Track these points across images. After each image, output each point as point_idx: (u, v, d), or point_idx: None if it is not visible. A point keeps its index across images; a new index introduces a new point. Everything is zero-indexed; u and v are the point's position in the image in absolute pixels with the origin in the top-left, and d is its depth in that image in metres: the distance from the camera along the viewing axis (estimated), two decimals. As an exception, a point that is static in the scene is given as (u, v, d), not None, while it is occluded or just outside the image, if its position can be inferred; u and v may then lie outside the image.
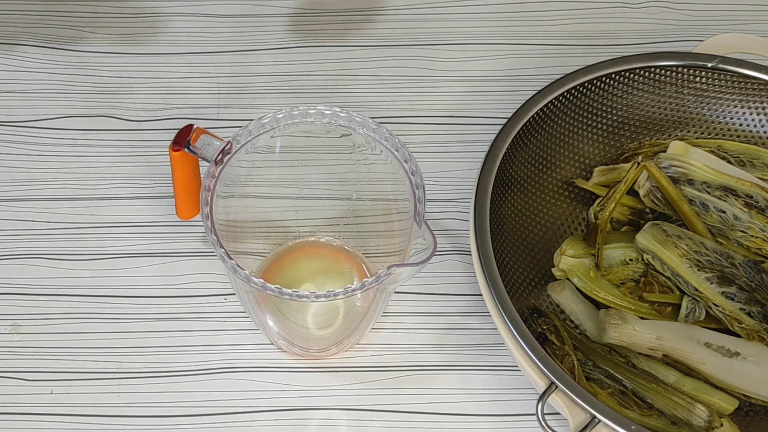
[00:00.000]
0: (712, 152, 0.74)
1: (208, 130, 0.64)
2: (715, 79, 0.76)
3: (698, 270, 0.68)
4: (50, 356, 0.69)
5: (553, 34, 0.87)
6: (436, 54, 0.85)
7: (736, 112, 0.77)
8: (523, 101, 0.71)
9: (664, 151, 0.73)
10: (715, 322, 0.68)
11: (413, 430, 0.67)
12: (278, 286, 0.58)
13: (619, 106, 0.77)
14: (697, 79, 0.76)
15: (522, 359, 0.61)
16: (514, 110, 0.70)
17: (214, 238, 0.59)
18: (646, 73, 0.76)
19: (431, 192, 0.76)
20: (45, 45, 0.84)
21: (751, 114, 0.77)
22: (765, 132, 0.77)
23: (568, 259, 0.70)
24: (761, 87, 0.75)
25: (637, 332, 0.67)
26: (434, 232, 0.60)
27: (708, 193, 0.70)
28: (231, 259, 0.58)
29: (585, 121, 0.76)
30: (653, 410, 0.64)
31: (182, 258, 0.74)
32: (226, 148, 0.63)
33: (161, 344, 0.70)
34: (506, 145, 0.69)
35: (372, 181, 0.68)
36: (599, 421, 0.58)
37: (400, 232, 0.67)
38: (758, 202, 0.70)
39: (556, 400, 0.59)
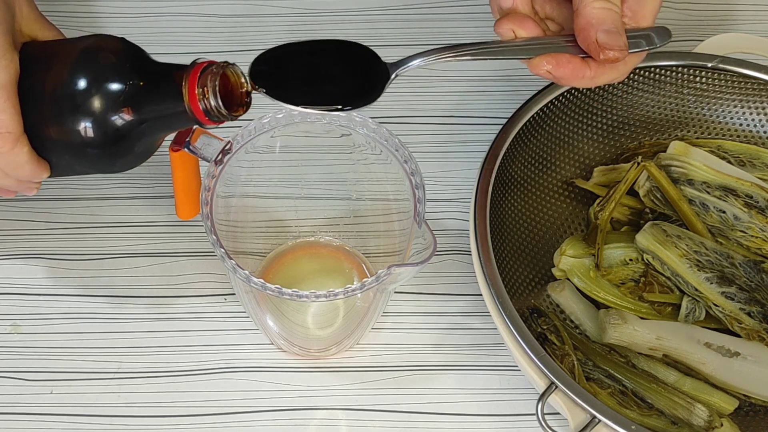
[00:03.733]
0: (712, 152, 0.74)
1: (208, 130, 0.64)
2: (715, 79, 0.76)
3: (698, 270, 0.68)
4: (50, 356, 0.69)
5: (553, 34, 0.87)
6: (436, 54, 0.85)
7: (736, 112, 0.77)
8: (523, 101, 0.71)
9: (664, 151, 0.73)
10: (715, 322, 0.68)
11: (413, 430, 0.67)
12: (278, 286, 0.58)
13: (619, 106, 0.77)
14: (697, 79, 0.76)
15: (522, 359, 0.61)
16: (514, 110, 0.70)
17: (214, 238, 0.59)
18: (646, 73, 0.76)
19: (431, 192, 0.76)
20: (45, 45, 0.84)
21: (751, 114, 0.77)
22: (765, 132, 0.77)
23: (568, 259, 0.70)
24: (761, 87, 0.75)
25: (637, 332, 0.67)
26: (434, 232, 0.59)
27: (708, 193, 0.70)
28: (231, 259, 0.58)
29: (585, 121, 0.76)
30: (653, 410, 0.64)
31: (182, 258, 0.74)
32: (226, 148, 0.63)
33: (161, 344, 0.70)
34: (506, 145, 0.69)
35: (372, 181, 0.68)
36: (599, 421, 0.58)
37: (400, 232, 0.67)
38: (758, 202, 0.70)
39: (556, 400, 0.59)
